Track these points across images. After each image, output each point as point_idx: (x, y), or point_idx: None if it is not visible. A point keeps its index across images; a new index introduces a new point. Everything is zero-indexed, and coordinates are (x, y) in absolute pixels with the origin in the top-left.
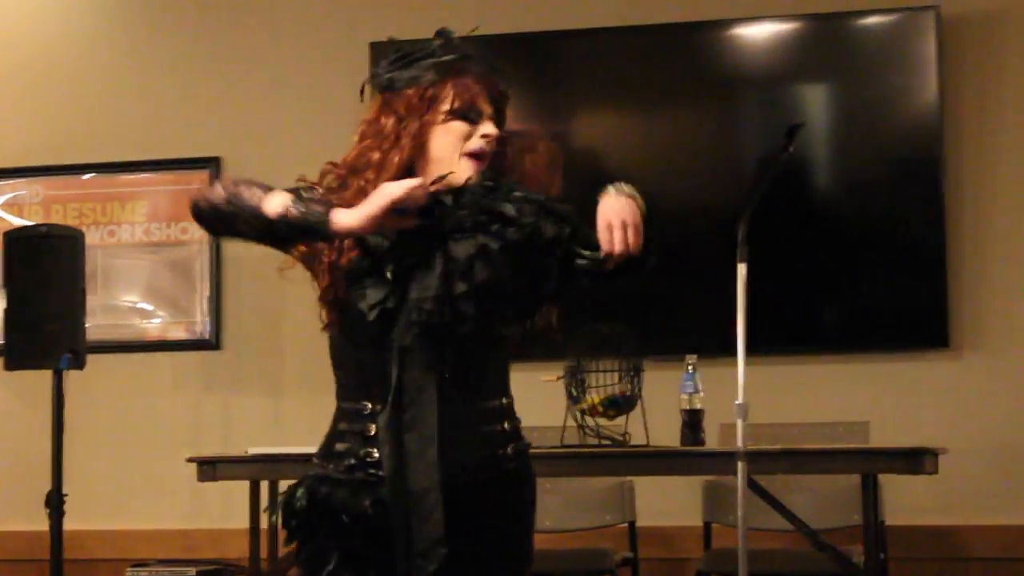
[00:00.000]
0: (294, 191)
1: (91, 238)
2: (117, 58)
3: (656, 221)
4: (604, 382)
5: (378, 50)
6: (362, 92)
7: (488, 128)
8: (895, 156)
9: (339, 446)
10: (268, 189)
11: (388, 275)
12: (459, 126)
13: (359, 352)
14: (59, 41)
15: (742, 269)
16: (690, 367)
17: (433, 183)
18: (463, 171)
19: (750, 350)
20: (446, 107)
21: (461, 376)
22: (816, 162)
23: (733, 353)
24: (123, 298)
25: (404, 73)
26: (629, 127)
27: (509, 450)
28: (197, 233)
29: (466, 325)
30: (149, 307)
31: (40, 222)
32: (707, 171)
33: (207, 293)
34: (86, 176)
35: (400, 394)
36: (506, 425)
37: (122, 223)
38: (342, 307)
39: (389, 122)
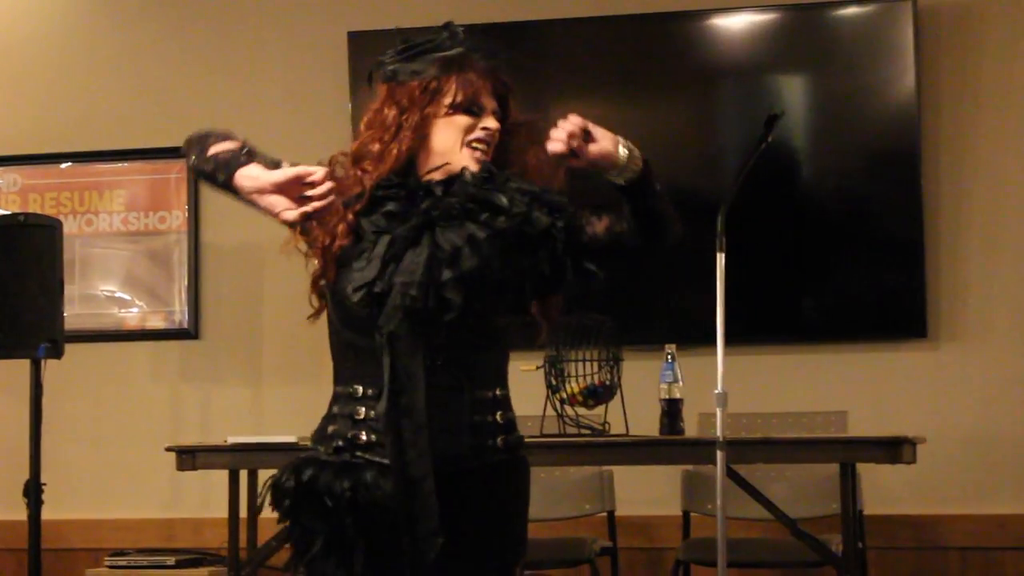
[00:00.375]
0: (244, 145)
1: (69, 227)
2: (95, 47)
3: (667, 194)
4: (583, 371)
5: (356, 40)
6: (370, 79)
7: (490, 122)
8: (873, 146)
9: (330, 428)
10: (234, 140)
11: (376, 260)
12: (462, 119)
13: (350, 336)
14: (37, 31)
15: (721, 259)
16: (669, 357)
17: (430, 171)
18: (464, 162)
19: (729, 340)
20: (449, 101)
21: (452, 365)
22: (794, 153)
23: (712, 343)
24: (101, 287)
25: (408, 66)
26: (608, 117)
27: (499, 442)
28: (175, 222)
29: (452, 313)
30: (127, 296)
31: (17, 211)
32: (686, 161)
33: (185, 282)
34: (64, 165)
35: (394, 380)
36: (498, 417)
37: (100, 212)
38: (332, 292)
39: (391, 113)
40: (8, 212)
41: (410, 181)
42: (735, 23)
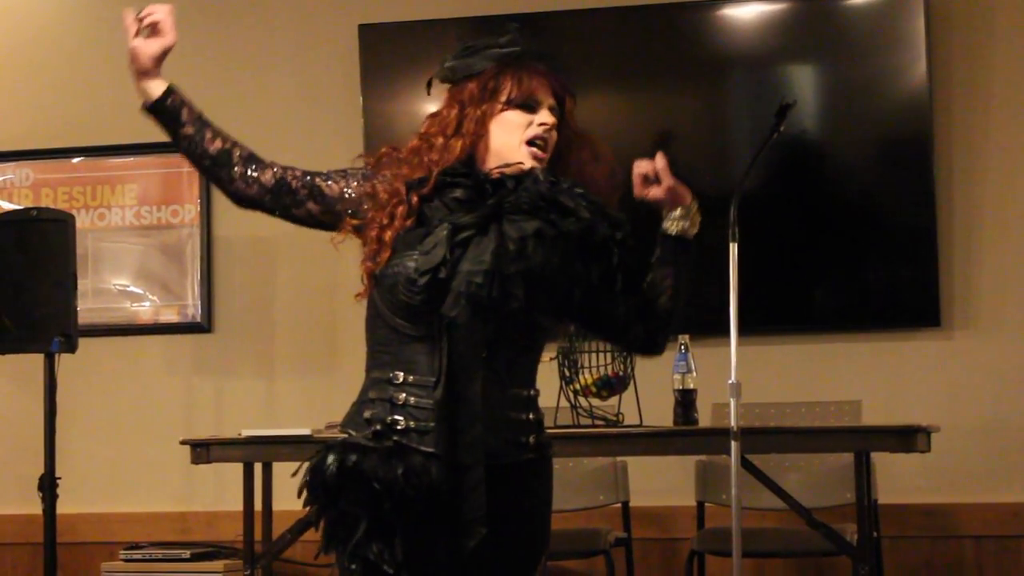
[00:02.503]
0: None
1: (81, 222)
2: (106, 41)
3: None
4: (597, 362)
5: (367, 32)
6: (428, 86)
7: (545, 116)
8: (885, 136)
9: (367, 413)
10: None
11: (442, 245)
12: (517, 115)
13: (398, 323)
14: (48, 25)
15: (733, 249)
16: (682, 347)
17: (499, 167)
18: (524, 159)
19: (742, 330)
20: (504, 97)
21: (495, 360)
22: (806, 143)
23: (726, 333)
24: (114, 282)
25: (463, 62)
26: (619, 108)
27: (531, 439)
28: (187, 216)
29: (513, 304)
30: (140, 290)
31: (30, 206)
32: (698, 151)
33: (198, 276)
34: (76, 160)
35: (450, 368)
36: (531, 416)
37: (112, 206)
38: (382, 276)
39: (452, 112)
40: (21, 207)
41: (478, 173)
42: (746, 13)
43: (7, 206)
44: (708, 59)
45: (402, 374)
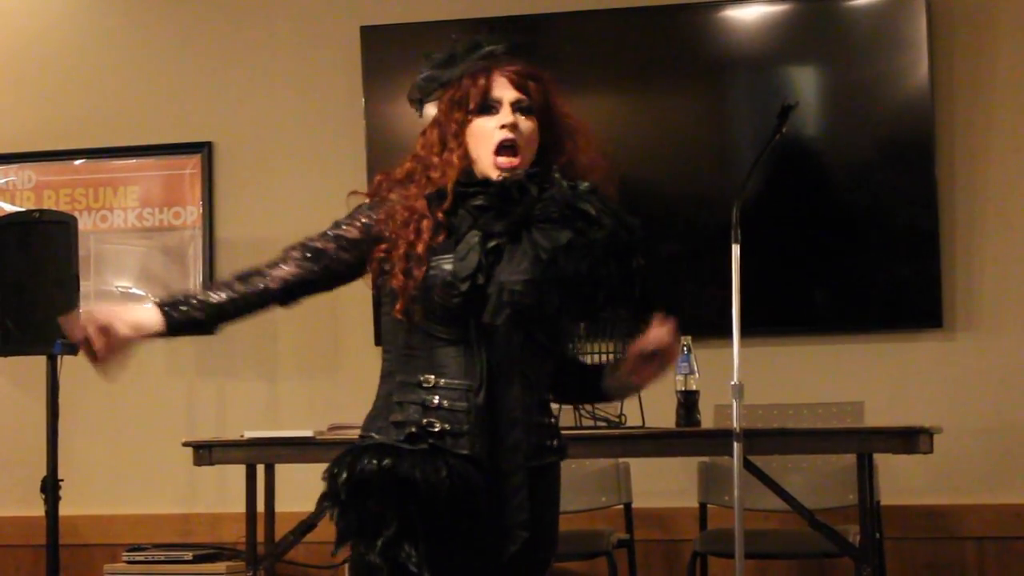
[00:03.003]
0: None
1: (83, 224)
2: (108, 43)
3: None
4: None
5: (369, 34)
6: (420, 108)
7: (505, 116)
8: (887, 137)
9: (397, 416)
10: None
11: (476, 252)
12: (483, 122)
13: (433, 327)
14: (50, 27)
15: (736, 251)
16: (685, 348)
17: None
18: (491, 172)
19: (745, 331)
20: (471, 105)
21: (524, 366)
22: (808, 144)
23: (728, 334)
24: (116, 283)
25: (426, 82)
26: (620, 109)
27: (554, 443)
28: (190, 218)
29: (549, 312)
30: (142, 292)
31: (32, 207)
32: (699, 153)
33: (200, 278)
34: (78, 162)
35: (489, 374)
36: (552, 420)
37: (114, 208)
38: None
39: (434, 132)
40: (23, 209)
41: (504, 179)
42: (747, 14)
43: (9, 208)
44: (710, 60)
45: (433, 377)
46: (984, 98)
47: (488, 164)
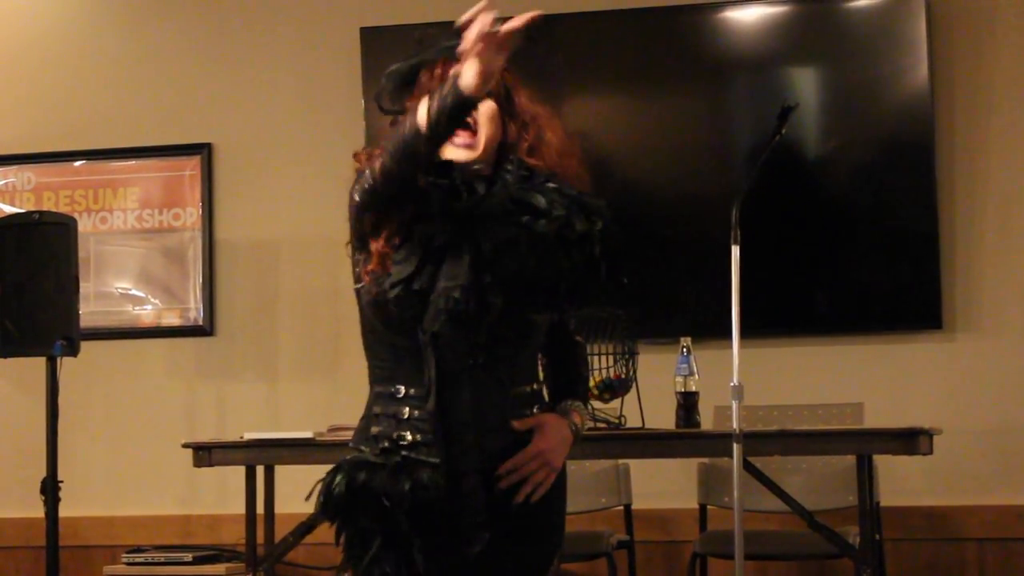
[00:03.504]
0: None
1: (83, 225)
2: (108, 45)
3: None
4: (599, 365)
5: (368, 35)
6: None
7: None
8: (887, 138)
9: (374, 429)
10: (403, 124)
11: (414, 256)
12: None
13: (391, 335)
14: (50, 28)
15: (735, 252)
16: (685, 350)
17: (471, 167)
18: (450, 153)
19: (744, 333)
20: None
21: (493, 363)
22: (808, 145)
23: (728, 335)
24: (116, 285)
25: (386, 84)
26: (620, 111)
27: None
28: (189, 220)
29: (492, 315)
30: (142, 294)
31: (32, 209)
32: (698, 154)
33: (200, 279)
34: (77, 163)
35: (439, 379)
36: (535, 411)
37: (114, 210)
38: (375, 292)
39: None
40: (23, 210)
41: (455, 175)
42: (747, 16)
43: (9, 209)
44: (710, 62)
45: (403, 387)
46: (984, 99)
47: (448, 149)
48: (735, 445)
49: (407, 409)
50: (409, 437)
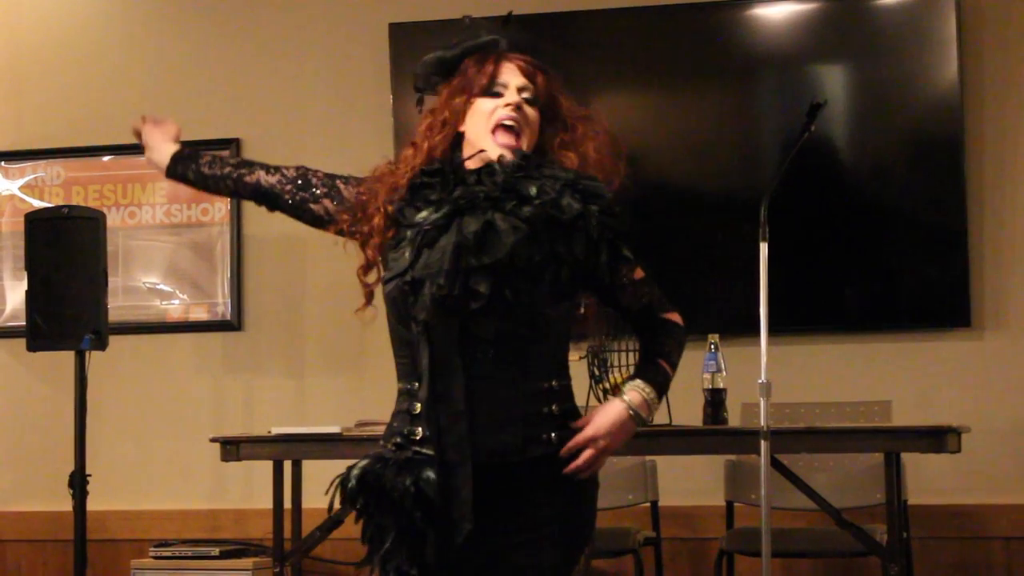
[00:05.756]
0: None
1: (112, 220)
2: (137, 39)
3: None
4: (626, 361)
5: (397, 31)
6: (418, 104)
7: (511, 97)
8: (916, 136)
9: (394, 425)
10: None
11: (408, 249)
12: (485, 103)
13: (399, 330)
14: (79, 22)
15: (764, 249)
16: (712, 346)
17: (467, 158)
18: (489, 147)
19: (772, 330)
20: (475, 89)
21: (503, 358)
22: (837, 143)
23: (755, 332)
24: (144, 279)
25: (428, 70)
26: (649, 108)
27: (553, 435)
28: (217, 215)
29: (479, 301)
30: (170, 288)
31: (61, 204)
32: (727, 151)
33: (228, 274)
34: (106, 158)
35: (432, 369)
36: (553, 408)
37: (143, 204)
38: (384, 286)
39: (427, 120)
40: (52, 205)
41: (447, 168)
42: (776, 13)
43: (38, 204)
44: (738, 59)
45: (418, 383)
46: (1014, 96)
47: (483, 139)
48: (763, 442)
49: (418, 404)
50: (420, 432)
